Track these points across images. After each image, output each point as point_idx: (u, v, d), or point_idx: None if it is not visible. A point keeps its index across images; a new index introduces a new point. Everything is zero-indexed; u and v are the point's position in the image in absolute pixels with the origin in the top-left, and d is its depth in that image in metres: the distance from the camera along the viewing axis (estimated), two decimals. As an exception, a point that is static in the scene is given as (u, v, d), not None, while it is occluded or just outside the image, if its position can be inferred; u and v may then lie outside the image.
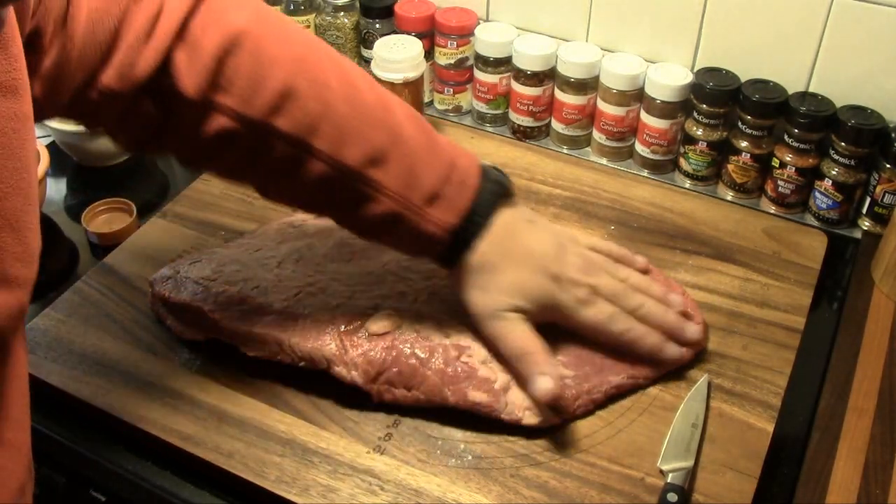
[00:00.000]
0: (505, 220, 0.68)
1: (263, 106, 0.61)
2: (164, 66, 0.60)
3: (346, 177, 0.64)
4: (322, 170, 0.64)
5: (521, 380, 0.68)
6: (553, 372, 0.67)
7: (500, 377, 0.69)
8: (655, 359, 0.72)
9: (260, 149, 0.63)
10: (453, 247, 0.68)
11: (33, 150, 0.49)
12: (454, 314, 0.74)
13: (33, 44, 0.55)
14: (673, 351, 0.72)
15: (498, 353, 0.70)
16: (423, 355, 0.70)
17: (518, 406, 0.69)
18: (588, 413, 0.71)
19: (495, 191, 0.69)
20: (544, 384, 0.66)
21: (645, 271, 0.77)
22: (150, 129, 0.64)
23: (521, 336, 0.68)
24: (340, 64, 0.66)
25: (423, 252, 0.70)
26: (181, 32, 0.60)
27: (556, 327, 0.74)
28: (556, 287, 0.69)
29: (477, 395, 0.69)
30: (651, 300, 0.73)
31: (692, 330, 0.74)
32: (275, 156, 0.63)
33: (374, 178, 0.64)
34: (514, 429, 0.70)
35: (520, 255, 0.68)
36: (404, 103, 0.68)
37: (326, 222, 0.85)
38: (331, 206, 0.68)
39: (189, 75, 0.60)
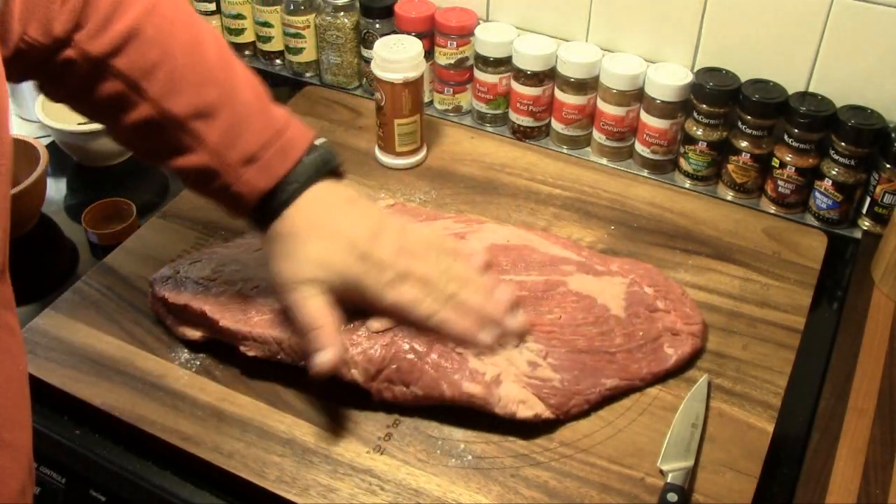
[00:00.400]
0: (322, 194, 0.69)
1: (106, 43, 0.63)
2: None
3: (170, 124, 0.66)
4: (148, 114, 0.65)
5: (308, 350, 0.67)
6: (335, 346, 0.66)
7: (490, 370, 0.70)
8: (470, 342, 0.70)
9: (94, 82, 0.65)
10: (265, 212, 0.68)
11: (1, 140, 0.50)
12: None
13: None
14: (486, 337, 0.70)
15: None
16: (420, 349, 0.70)
17: (512, 399, 0.69)
18: (584, 413, 0.71)
19: (318, 165, 0.69)
20: (321, 357, 0.65)
21: (485, 268, 0.76)
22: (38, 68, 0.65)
23: (314, 309, 0.67)
24: (194, 21, 0.68)
25: (236, 212, 0.70)
26: None
27: (533, 314, 0.74)
28: (362, 266, 0.68)
29: (471, 387, 0.69)
30: (469, 290, 0.71)
31: (513, 323, 0.72)
32: (106, 91, 0.65)
33: (196, 129, 0.66)
34: (514, 428, 0.70)
35: (329, 229, 0.68)
36: (248, 69, 0.70)
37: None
38: (153, 152, 0.69)
39: (63, 13, 0.62)
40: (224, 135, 0.66)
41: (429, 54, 1.07)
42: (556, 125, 1.05)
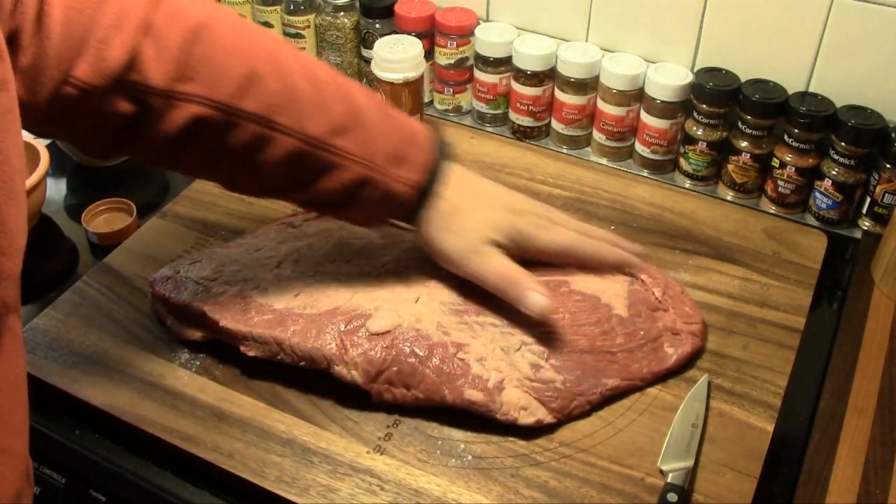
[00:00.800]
0: (459, 172, 0.75)
1: (229, 89, 0.64)
2: (133, 61, 0.62)
3: (313, 148, 0.67)
4: (289, 145, 0.67)
5: (513, 301, 0.72)
6: (541, 288, 0.71)
7: (493, 376, 0.70)
8: (622, 265, 0.80)
9: (229, 132, 0.66)
10: (422, 201, 0.72)
11: (17, 145, 0.50)
12: (454, 313, 0.74)
13: (12, 43, 0.57)
14: (623, 254, 0.80)
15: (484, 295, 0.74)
16: (422, 353, 0.70)
17: (513, 406, 0.69)
18: (585, 414, 0.71)
19: (445, 150, 0.75)
20: (537, 300, 0.71)
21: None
22: (123, 129, 0.65)
23: (501, 265, 0.72)
24: (295, 50, 0.71)
25: (390, 213, 0.74)
26: (146, 26, 0.62)
27: (539, 332, 0.74)
28: (518, 218, 0.75)
29: (473, 394, 0.69)
30: (585, 224, 0.82)
31: (627, 245, 0.81)
32: (243, 138, 0.66)
33: (340, 145, 0.68)
34: (514, 429, 0.70)
35: (481, 197, 0.75)
36: (357, 83, 0.73)
37: (326, 223, 0.86)
38: (300, 182, 0.70)
39: (157, 66, 0.62)
40: (365, 143, 0.69)
41: (429, 54, 1.07)
42: (556, 125, 1.05)
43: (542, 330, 0.74)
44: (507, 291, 0.72)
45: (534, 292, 0.71)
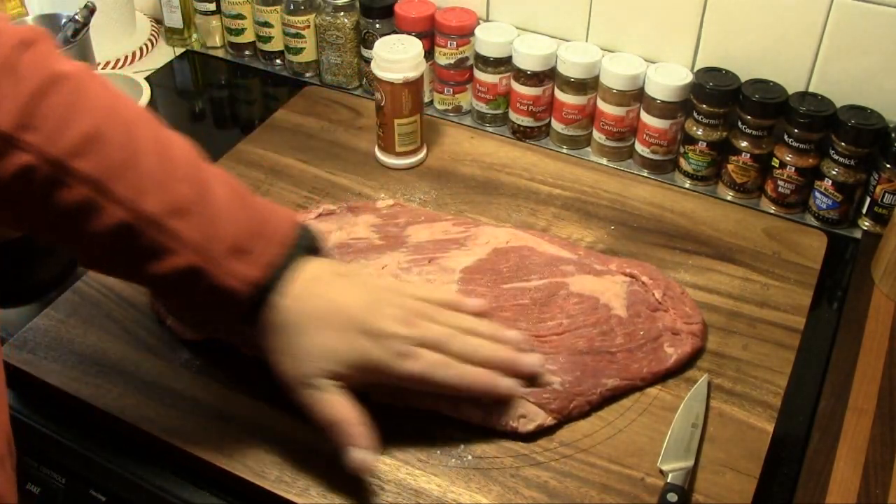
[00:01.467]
0: (312, 275, 0.64)
1: (66, 145, 0.58)
2: None
3: (144, 225, 0.60)
4: (119, 217, 0.59)
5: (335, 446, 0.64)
6: (368, 442, 0.63)
7: None
8: (490, 396, 0.69)
9: (55, 189, 0.59)
10: (257, 306, 0.63)
11: None
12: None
13: None
14: (505, 384, 0.68)
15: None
16: None
17: (512, 416, 0.69)
18: (585, 414, 0.71)
19: (303, 248, 0.65)
20: (357, 457, 0.63)
21: (480, 314, 0.72)
22: None
23: (334, 405, 0.63)
24: (158, 125, 0.64)
25: (223, 313, 0.64)
26: (8, 66, 0.58)
27: (536, 322, 0.74)
28: (372, 344, 0.64)
29: (469, 411, 0.69)
30: (480, 339, 0.68)
31: (528, 361, 0.70)
32: (69, 198, 0.59)
33: (174, 228, 0.60)
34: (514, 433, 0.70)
35: (328, 314, 0.64)
36: (219, 169, 0.66)
37: (326, 223, 0.86)
38: (126, 259, 0.62)
39: (6, 109, 0.57)
40: (205, 229, 0.61)
41: (429, 54, 1.07)
42: (556, 125, 1.05)
43: (541, 338, 0.74)
44: (333, 436, 0.63)
45: (356, 449, 0.62)
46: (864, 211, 0.93)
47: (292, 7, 1.13)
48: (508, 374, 0.68)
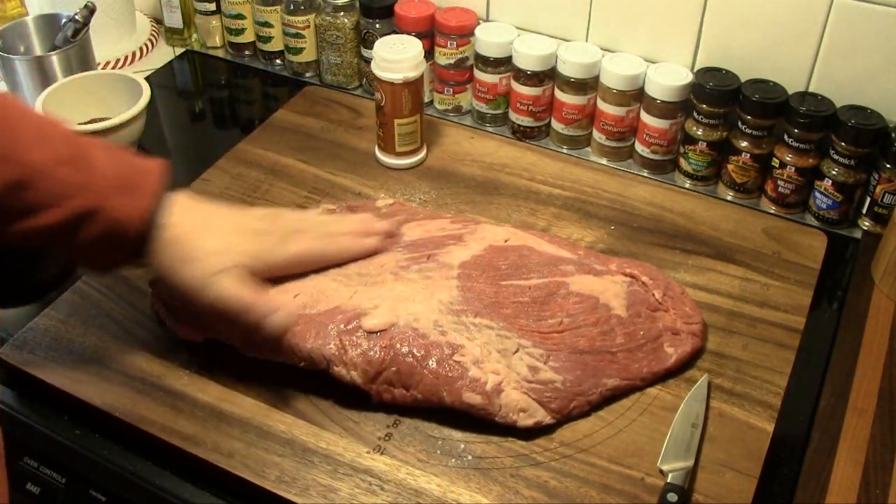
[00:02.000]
0: (189, 200, 0.72)
1: None
2: None
3: (36, 176, 0.65)
4: (8, 172, 0.64)
5: (255, 326, 0.70)
6: (280, 306, 0.71)
7: (491, 378, 0.69)
8: (361, 254, 0.80)
9: None
10: (148, 232, 0.69)
11: None
12: (452, 312, 0.74)
13: None
14: (371, 242, 0.80)
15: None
16: (419, 354, 0.70)
17: (512, 409, 0.69)
18: (584, 414, 0.71)
19: (171, 179, 0.72)
20: (276, 320, 0.70)
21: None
22: None
23: (239, 290, 0.70)
24: (32, 110, 0.71)
25: (120, 246, 0.69)
26: None
27: (536, 320, 0.74)
28: (255, 239, 0.74)
29: (471, 397, 0.69)
30: (343, 221, 0.82)
31: (381, 224, 0.82)
32: None
33: (64, 175, 0.66)
34: (513, 429, 0.70)
35: (215, 222, 0.73)
36: (88, 136, 0.72)
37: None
38: (23, 212, 0.66)
39: None
40: (91, 174, 0.67)
41: (429, 54, 1.07)
42: (556, 125, 1.05)
43: (542, 335, 0.74)
44: (247, 315, 0.70)
45: (271, 315, 0.69)
46: (864, 211, 0.93)
47: (292, 7, 1.13)
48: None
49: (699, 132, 0.96)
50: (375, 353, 0.70)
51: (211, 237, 0.71)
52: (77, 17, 1.08)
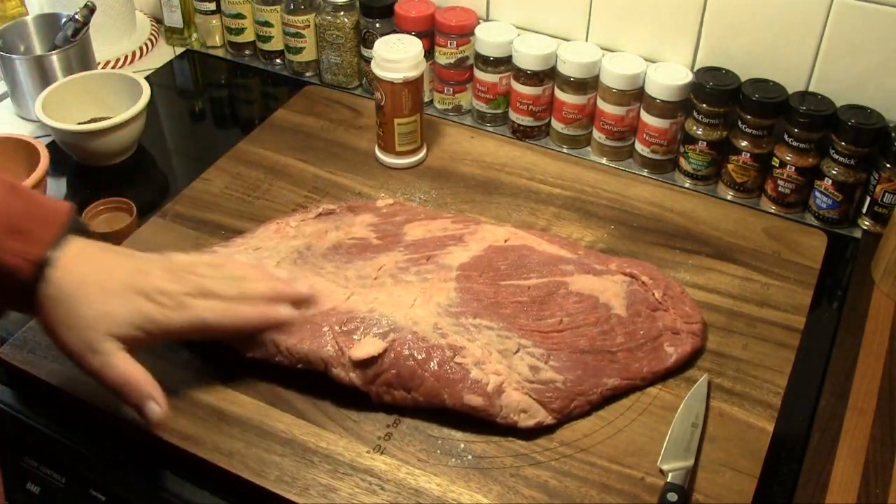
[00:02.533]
0: (82, 249, 0.66)
1: None
2: None
3: None
4: None
5: (133, 407, 0.66)
6: (159, 395, 0.66)
7: (493, 379, 0.69)
8: (270, 324, 0.72)
9: None
10: (36, 282, 0.64)
11: None
12: (451, 315, 0.74)
13: None
14: (285, 310, 0.73)
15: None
16: (420, 357, 0.70)
17: (513, 409, 0.69)
18: (585, 413, 0.71)
19: (77, 228, 0.68)
20: (153, 410, 0.65)
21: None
22: None
23: (120, 367, 0.65)
24: None
25: (7, 294, 0.65)
26: None
27: (536, 319, 0.74)
28: (146, 301, 0.66)
29: (472, 399, 0.69)
30: (250, 281, 0.73)
31: (298, 287, 0.75)
32: None
33: None
34: (513, 429, 0.70)
35: (101, 280, 0.66)
36: None
37: (325, 223, 0.86)
38: None
39: None
40: None
41: (429, 54, 1.07)
42: (556, 125, 1.05)
43: (542, 334, 0.74)
44: (125, 397, 0.65)
45: (150, 402, 0.65)
46: (864, 210, 0.93)
47: (292, 7, 1.13)
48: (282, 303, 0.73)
49: (699, 132, 0.96)
50: (374, 357, 0.70)
51: (96, 300, 0.65)
52: (77, 16, 1.08)
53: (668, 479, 0.66)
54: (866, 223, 0.94)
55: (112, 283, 0.66)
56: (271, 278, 0.75)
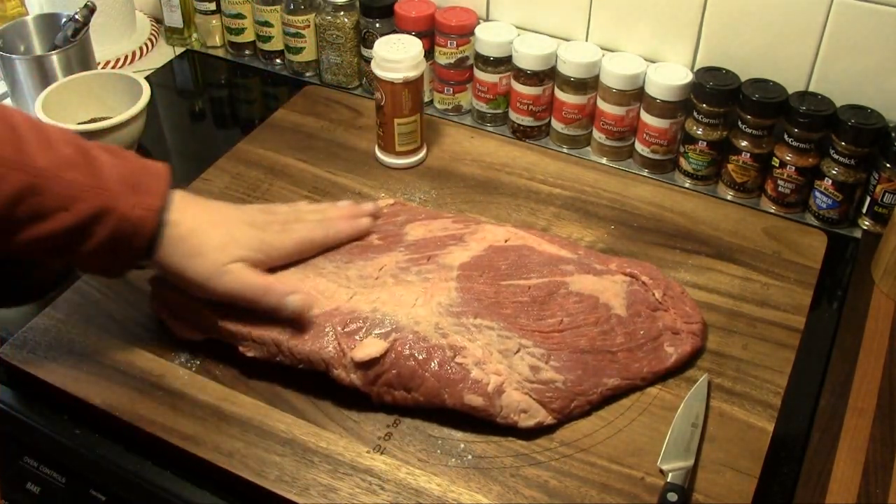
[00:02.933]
0: (189, 198, 0.74)
1: None
2: None
3: (44, 181, 0.66)
4: (19, 179, 0.65)
5: (273, 313, 0.72)
6: (296, 288, 0.73)
7: (493, 379, 0.69)
8: (359, 233, 0.82)
9: None
10: (158, 230, 0.70)
11: None
12: (451, 314, 0.74)
13: None
14: (365, 222, 0.83)
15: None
16: (421, 357, 0.70)
17: (513, 409, 0.69)
18: (585, 414, 0.72)
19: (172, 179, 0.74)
20: (295, 301, 0.72)
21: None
22: None
23: (251, 277, 0.72)
24: (28, 116, 0.70)
25: (131, 246, 0.69)
26: None
27: (536, 319, 0.74)
28: (258, 231, 0.75)
29: (473, 399, 0.69)
30: (330, 209, 0.84)
31: (365, 206, 0.85)
32: None
33: (72, 178, 0.67)
34: (513, 429, 0.70)
35: (218, 218, 0.74)
36: (88, 141, 0.72)
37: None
38: (35, 217, 0.66)
39: None
40: (99, 175, 0.68)
41: (429, 54, 1.07)
42: (556, 125, 1.05)
43: (542, 334, 0.74)
44: (263, 301, 0.72)
45: (290, 296, 0.72)
46: (864, 210, 0.93)
47: (292, 7, 1.13)
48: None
49: (699, 132, 0.96)
50: (376, 358, 0.70)
51: (215, 232, 0.72)
52: (77, 16, 1.08)
53: (668, 479, 0.66)
54: (866, 223, 0.94)
55: (225, 219, 0.75)
56: (340, 205, 0.85)
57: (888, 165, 0.89)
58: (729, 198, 0.98)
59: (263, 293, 0.72)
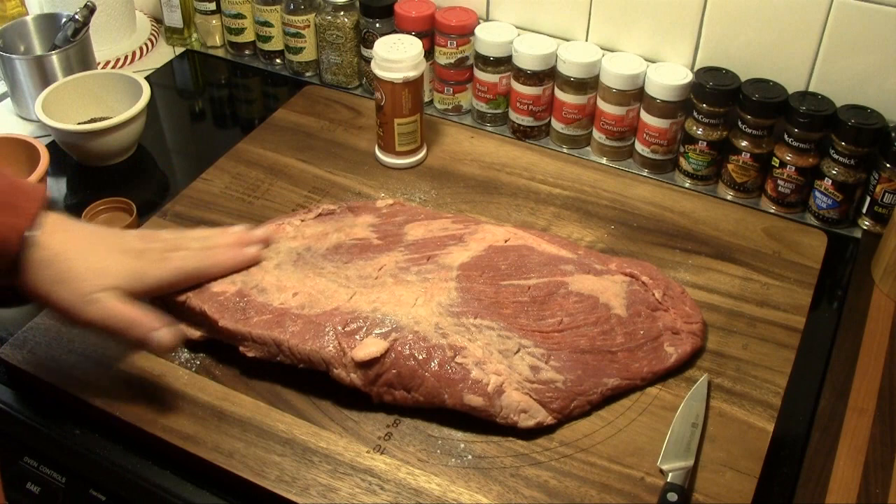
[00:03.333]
0: (63, 221, 0.71)
1: None
2: None
3: None
4: None
5: (139, 343, 0.70)
6: (164, 324, 0.69)
7: (493, 379, 0.69)
8: (241, 265, 0.79)
9: None
10: (23, 251, 0.67)
11: None
12: (452, 314, 0.74)
13: None
14: (251, 252, 0.80)
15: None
16: (421, 357, 0.70)
17: (513, 409, 0.69)
18: (585, 414, 0.72)
19: (48, 203, 0.72)
20: (162, 336, 0.69)
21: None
22: None
23: (119, 310, 0.69)
24: None
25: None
26: None
27: (536, 319, 0.74)
28: (132, 258, 0.72)
29: (473, 399, 0.69)
30: (214, 236, 0.80)
31: (258, 232, 0.82)
32: None
33: None
34: (513, 429, 0.70)
35: (89, 244, 0.71)
36: None
37: (325, 223, 0.86)
38: None
39: None
40: None
41: (429, 54, 1.07)
42: (556, 125, 1.05)
43: (542, 334, 0.74)
44: (128, 334, 0.69)
45: (156, 331, 0.68)
46: (864, 210, 0.93)
47: (292, 7, 1.13)
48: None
49: (699, 132, 0.96)
50: (376, 357, 0.70)
51: (85, 258, 0.69)
52: (77, 16, 1.08)
53: (668, 479, 0.66)
54: (866, 223, 0.94)
55: (98, 245, 0.71)
56: (229, 231, 0.81)
57: (888, 165, 0.89)
58: (729, 198, 0.98)
59: (128, 326, 0.68)
